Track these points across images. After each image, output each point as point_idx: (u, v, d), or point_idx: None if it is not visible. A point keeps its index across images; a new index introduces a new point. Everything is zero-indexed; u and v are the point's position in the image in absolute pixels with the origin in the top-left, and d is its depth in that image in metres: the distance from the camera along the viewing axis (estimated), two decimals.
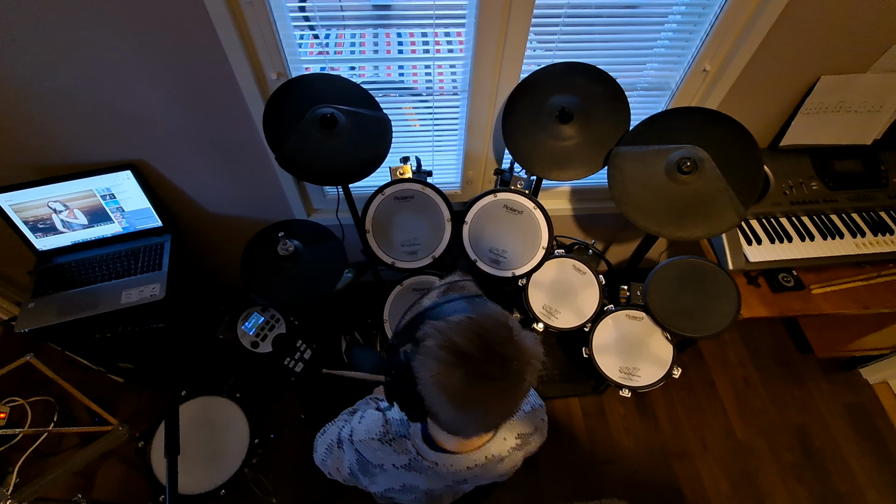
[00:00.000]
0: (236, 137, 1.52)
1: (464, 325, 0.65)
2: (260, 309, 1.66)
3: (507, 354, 0.64)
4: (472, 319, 0.66)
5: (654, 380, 1.54)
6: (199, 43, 1.24)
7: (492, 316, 0.68)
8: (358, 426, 0.91)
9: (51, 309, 1.51)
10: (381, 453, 0.87)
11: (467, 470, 0.86)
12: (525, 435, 0.94)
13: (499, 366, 0.64)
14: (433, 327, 0.66)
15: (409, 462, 0.86)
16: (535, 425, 0.96)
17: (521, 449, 0.93)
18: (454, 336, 0.64)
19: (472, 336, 0.64)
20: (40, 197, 1.49)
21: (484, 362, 0.63)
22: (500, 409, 0.68)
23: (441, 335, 0.65)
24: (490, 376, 0.64)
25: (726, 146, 1.30)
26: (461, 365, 0.63)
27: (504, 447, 0.90)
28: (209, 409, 1.62)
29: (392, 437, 0.87)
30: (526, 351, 0.66)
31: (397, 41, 1.39)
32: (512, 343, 0.66)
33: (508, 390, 0.66)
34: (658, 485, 1.94)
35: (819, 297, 1.62)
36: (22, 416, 1.96)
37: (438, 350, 0.64)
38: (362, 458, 0.88)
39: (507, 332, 0.66)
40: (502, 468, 0.93)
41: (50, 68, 1.26)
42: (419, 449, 0.85)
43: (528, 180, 1.60)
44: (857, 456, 2.03)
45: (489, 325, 0.66)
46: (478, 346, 0.64)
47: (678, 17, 1.38)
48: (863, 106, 1.59)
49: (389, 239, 1.58)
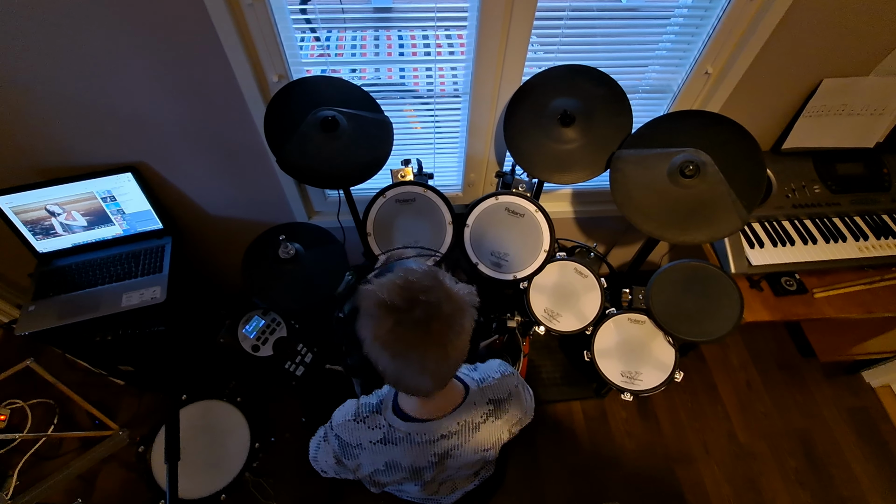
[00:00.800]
0: (237, 140, 1.52)
1: (390, 282, 0.72)
2: (261, 312, 1.65)
3: (430, 300, 0.70)
4: (398, 275, 0.73)
5: (657, 384, 1.53)
6: (200, 45, 1.24)
7: (416, 270, 0.74)
8: (336, 414, 0.96)
9: (51, 312, 1.51)
10: (357, 432, 0.91)
11: (443, 438, 0.89)
12: (497, 400, 0.95)
13: (424, 311, 0.70)
14: (364, 291, 0.73)
15: (384, 436, 0.89)
16: (507, 390, 0.97)
17: (497, 416, 0.95)
18: (381, 293, 0.71)
19: (397, 289, 0.71)
20: (41, 199, 1.49)
21: (410, 310, 0.70)
22: (436, 353, 0.73)
23: (372, 295, 0.71)
24: (416, 321, 0.70)
25: (729, 149, 1.29)
26: (390, 315, 0.70)
27: (476, 413, 0.92)
28: (210, 414, 1.61)
29: (365, 416, 0.92)
30: (453, 296, 0.73)
31: (398, 43, 1.39)
32: (437, 290, 0.72)
33: (439, 332, 0.71)
34: (660, 489, 1.93)
35: (822, 301, 1.61)
36: (22, 419, 1.96)
37: (371, 308, 0.71)
38: (342, 441, 0.92)
39: (433, 282, 0.73)
40: (482, 439, 0.94)
41: (51, 71, 1.25)
42: (390, 421, 0.89)
43: (529, 183, 1.60)
44: (860, 460, 2.01)
45: (414, 276, 0.73)
46: (402, 296, 0.70)
47: (680, 20, 1.38)
48: (865, 109, 1.58)
49: (391, 242, 1.57)
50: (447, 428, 0.89)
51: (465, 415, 0.90)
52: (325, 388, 1.93)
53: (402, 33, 1.37)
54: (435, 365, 0.74)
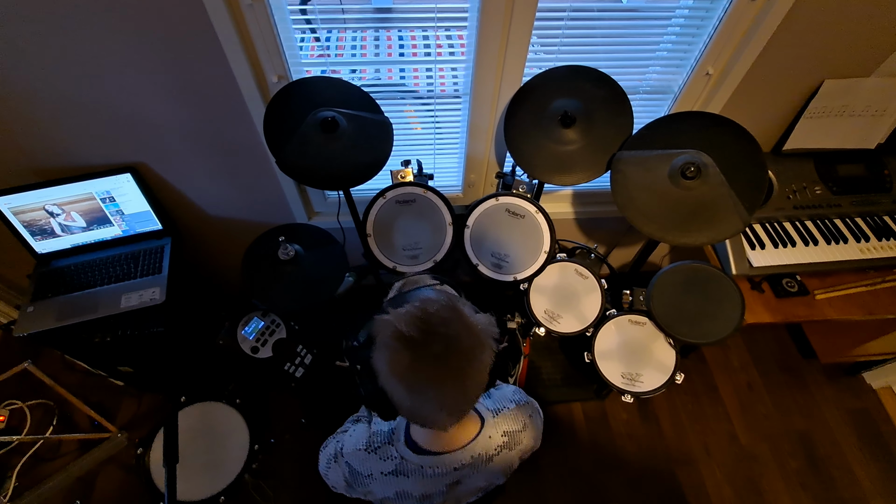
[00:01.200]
0: (237, 140, 1.52)
1: (408, 313, 0.70)
2: (260, 313, 1.65)
3: (449, 333, 0.68)
4: (415, 307, 0.70)
5: (657, 385, 1.52)
6: (200, 45, 1.23)
7: (435, 301, 0.72)
8: (348, 440, 0.94)
9: (50, 313, 1.51)
10: (369, 462, 0.89)
11: (455, 471, 0.87)
12: (513, 432, 0.93)
13: (443, 345, 0.68)
14: (381, 321, 0.71)
15: (396, 468, 0.87)
16: (522, 422, 0.95)
17: (511, 448, 0.93)
18: (399, 324, 0.68)
19: (415, 321, 0.68)
20: (39, 200, 1.48)
21: (428, 343, 0.67)
22: (453, 389, 0.70)
23: (388, 326, 0.69)
24: (435, 356, 0.67)
25: (730, 151, 1.29)
26: (408, 349, 0.67)
27: (490, 445, 0.89)
28: (209, 416, 1.60)
29: (377, 446, 0.89)
30: (473, 328, 0.70)
31: (398, 43, 1.39)
32: (456, 322, 0.70)
33: (458, 368, 0.69)
34: (661, 491, 1.92)
35: (823, 303, 1.61)
36: (21, 420, 1.95)
37: (388, 339, 0.69)
38: (353, 469, 0.90)
39: (451, 314, 0.70)
40: (494, 468, 0.92)
41: (50, 71, 1.25)
42: (403, 454, 0.87)
43: (530, 184, 1.59)
44: (861, 462, 2.01)
45: (432, 307, 0.70)
46: (420, 329, 0.68)
47: (681, 21, 1.37)
48: (866, 110, 1.58)
49: (391, 243, 1.57)
50: (460, 461, 0.86)
51: (480, 448, 0.88)
52: (326, 389, 1.93)
53: (402, 33, 1.37)
54: (452, 400, 0.72)
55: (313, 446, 2.00)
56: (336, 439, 0.99)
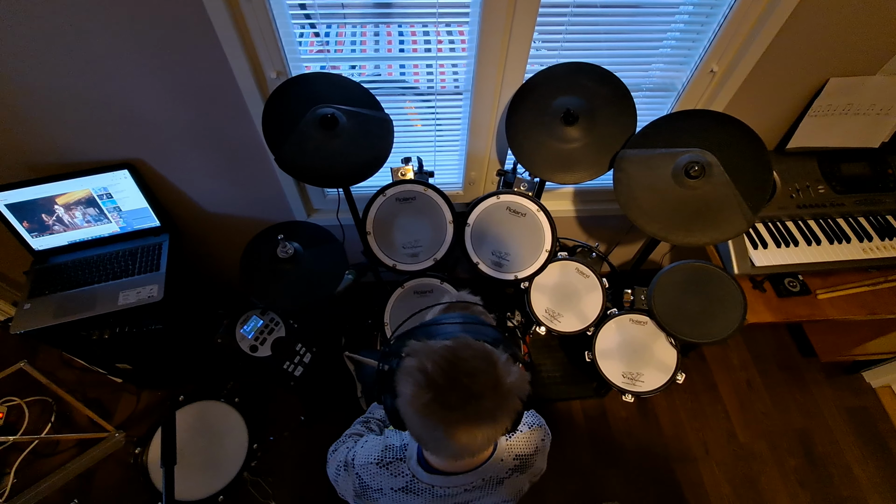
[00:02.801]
0: (235, 137, 1.50)
1: (439, 351, 0.68)
2: (259, 312, 1.64)
3: (472, 388, 0.66)
4: (449, 347, 0.68)
5: (658, 385, 1.52)
6: (197, 41, 1.21)
7: (471, 346, 0.69)
8: (360, 451, 0.93)
9: (47, 310, 1.49)
10: (380, 477, 0.88)
11: (465, 492, 0.86)
12: (525, 456, 0.92)
13: (460, 397, 0.66)
14: (414, 347, 0.70)
15: (406, 485, 0.87)
16: (535, 446, 0.95)
17: (522, 471, 0.92)
18: (427, 360, 0.67)
19: (444, 363, 0.67)
20: (36, 196, 1.47)
21: (447, 390, 0.66)
22: (465, 439, 0.69)
23: (418, 357, 0.68)
24: (450, 406, 0.66)
25: (734, 150, 1.27)
26: (429, 389, 0.66)
27: (502, 468, 0.89)
28: (207, 415, 1.60)
29: (389, 461, 0.88)
30: (501, 387, 0.67)
31: (398, 39, 1.37)
32: (485, 377, 0.67)
33: (472, 422, 0.67)
34: (660, 489, 1.92)
35: (825, 303, 1.60)
36: (19, 417, 1.95)
37: (414, 370, 0.68)
38: (363, 482, 0.89)
39: (483, 365, 0.68)
40: (504, 491, 0.91)
41: (45, 66, 1.23)
42: (414, 472, 0.86)
43: (531, 182, 1.58)
44: (859, 460, 2.01)
45: (465, 354, 0.68)
46: (445, 373, 0.66)
47: (686, 17, 1.35)
48: (871, 108, 1.56)
49: (391, 241, 1.56)
50: (471, 482, 0.86)
51: (491, 471, 0.87)
52: (325, 387, 1.93)
53: (402, 28, 1.35)
54: (461, 445, 0.70)
55: (312, 444, 2.00)
56: (346, 445, 0.98)
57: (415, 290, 1.67)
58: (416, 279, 1.67)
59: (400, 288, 1.67)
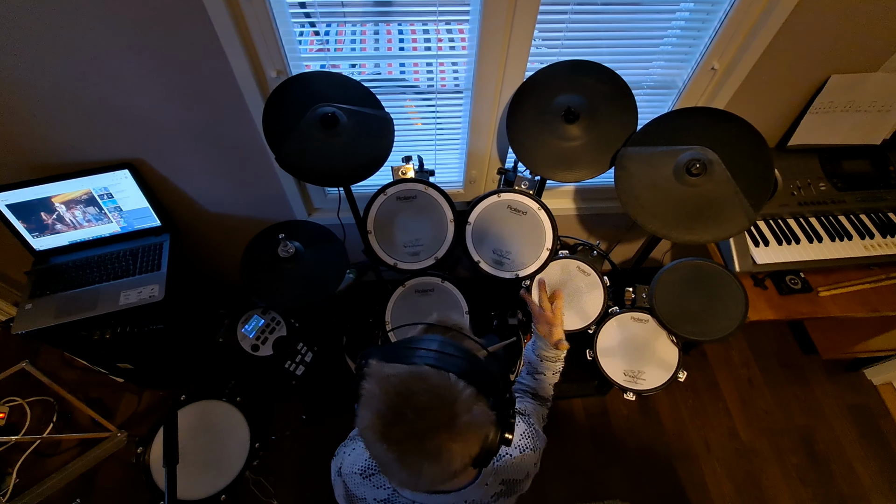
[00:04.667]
0: (235, 137, 1.50)
1: (392, 379, 0.64)
2: (260, 311, 1.64)
3: (416, 424, 0.61)
4: (401, 377, 0.63)
5: (660, 383, 1.52)
6: (197, 39, 1.21)
7: (427, 379, 0.63)
8: (347, 459, 0.91)
9: (48, 310, 1.49)
10: (363, 487, 0.87)
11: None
12: (512, 481, 0.89)
13: (404, 432, 0.62)
14: (372, 370, 0.66)
15: (388, 497, 0.85)
16: (525, 471, 0.92)
17: (508, 496, 0.90)
18: (378, 387, 0.64)
19: (393, 393, 0.62)
20: (37, 196, 1.47)
21: (392, 424, 0.62)
22: (413, 472, 0.64)
23: (371, 381, 0.65)
24: (395, 439, 0.62)
25: (736, 147, 1.27)
26: (378, 418, 0.63)
27: (486, 493, 0.85)
28: (209, 414, 1.60)
29: (371, 473, 0.86)
30: (456, 427, 0.62)
31: (398, 37, 1.36)
32: (435, 415, 0.62)
33: (416, 458, 0.63)
34: (661, 487, 1.93)
35: (826, 300, 1.60)
36: (21, 417, 1.95)
37: (367, 394, 0.64)
38: (349, 490, 0.89)
39: (435, 402, 0.62)
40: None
41: (45, 65, 1.23)
42: (395, 486, 0.84)
43: (532, 180, 1.57)
44: (861, 458, 2.01)
45: (417, 387, 0.62)
46: (393, 405, 0.62)
47: (686, 14, 1.35)
48: (872, 105, 1.56)
49: (392, 240, 1.55)
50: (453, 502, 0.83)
51: (474, 494, 0.83)
52: (327, 386, 1.93)
53: (402, 27, 1.34)
54: (413, 478, 0.65)
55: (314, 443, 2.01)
56: (345, 451, 0.96)
57: (416, 289, 1.67)
58: (418, 278, 1.66)
59: (401, 287, 1.66)
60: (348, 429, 1.07)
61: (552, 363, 1.14)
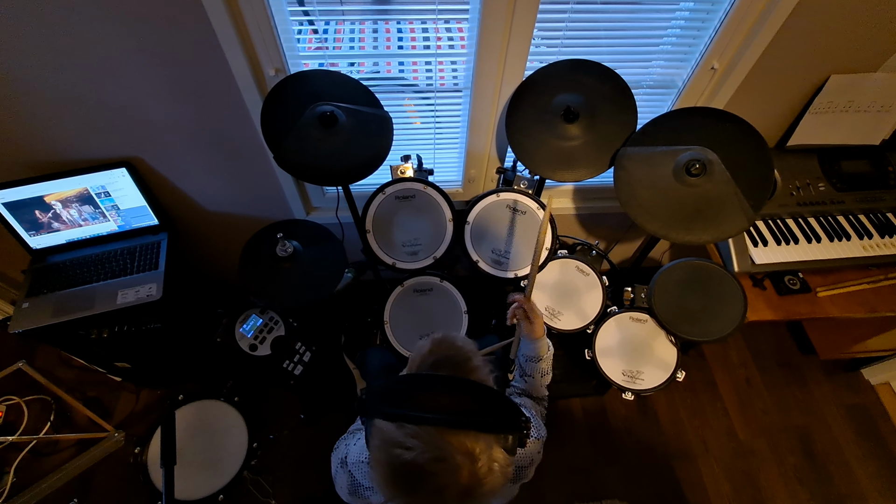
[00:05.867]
0: (233, 135, 1.49)
1: (406, 463, 0.62)
2: (258, 311, 1.63)
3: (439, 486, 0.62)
4: (416, 462, 0.62)
5: (658, 383, 1.52)
6: (195, 38, 1.21)
7: (444, 458, 0.62)
8: (353, 448, 0.93)
9: (46, 309, 1.49)
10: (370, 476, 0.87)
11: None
12: (519, 467, 0.93)
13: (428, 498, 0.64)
14: (379, 429, 0.66)
15: None
16: (531, 458, 0.95)
17: (514, 482, 0.93)
18: (390, 459, 0.64)
19: (408, 475, 0.63)
20: (34, 195, 1.46)
21: (408, 493, 0.65)
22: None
23: (382, 451, 0.65)
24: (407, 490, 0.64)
25: (735, 147, 1.27)
26: (392, 486, 0.65)
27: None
28: (207, 414, 1.60)
29: None
30: (472, 496, 0.63)
31: (397, 36, 1.36)
32: (452, 489, 0.62)
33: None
34: (659, 486, 1.93)
35: (825, 300, 1.60)
36: (19, 415, 1.94)
37: (379, 458, 0.66)
38: (354, 479, 0.90)
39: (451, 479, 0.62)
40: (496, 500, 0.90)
41: (42, 63, 1.22)
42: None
43: (531, 180, 1.57)
44: (858, 458, 2.02)
45: (434, 469, 0.62)
46: (408, 485, 0.64)
47: (686, 14, 1.35)
48: (872, 105, 1.56)
49: (390, 239, 1.55)
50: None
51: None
52: (325, 385, 1.93)
53: (401, 25, 1.34)
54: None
55: (312, 442, 2.00)
56: (346, 443, 0.98)
57: (414, 289, 1.67)
58: (416, 277, 1.66)
59: (400, 286, 1.66)
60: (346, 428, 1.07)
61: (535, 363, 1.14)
